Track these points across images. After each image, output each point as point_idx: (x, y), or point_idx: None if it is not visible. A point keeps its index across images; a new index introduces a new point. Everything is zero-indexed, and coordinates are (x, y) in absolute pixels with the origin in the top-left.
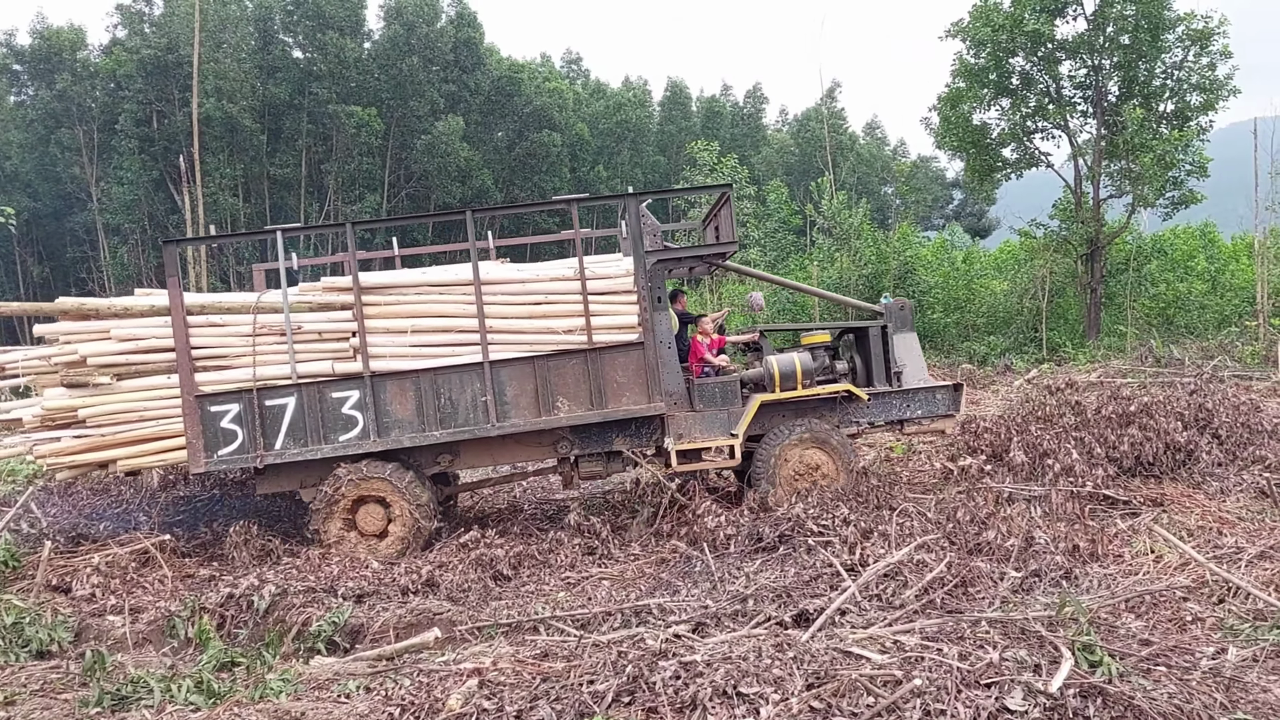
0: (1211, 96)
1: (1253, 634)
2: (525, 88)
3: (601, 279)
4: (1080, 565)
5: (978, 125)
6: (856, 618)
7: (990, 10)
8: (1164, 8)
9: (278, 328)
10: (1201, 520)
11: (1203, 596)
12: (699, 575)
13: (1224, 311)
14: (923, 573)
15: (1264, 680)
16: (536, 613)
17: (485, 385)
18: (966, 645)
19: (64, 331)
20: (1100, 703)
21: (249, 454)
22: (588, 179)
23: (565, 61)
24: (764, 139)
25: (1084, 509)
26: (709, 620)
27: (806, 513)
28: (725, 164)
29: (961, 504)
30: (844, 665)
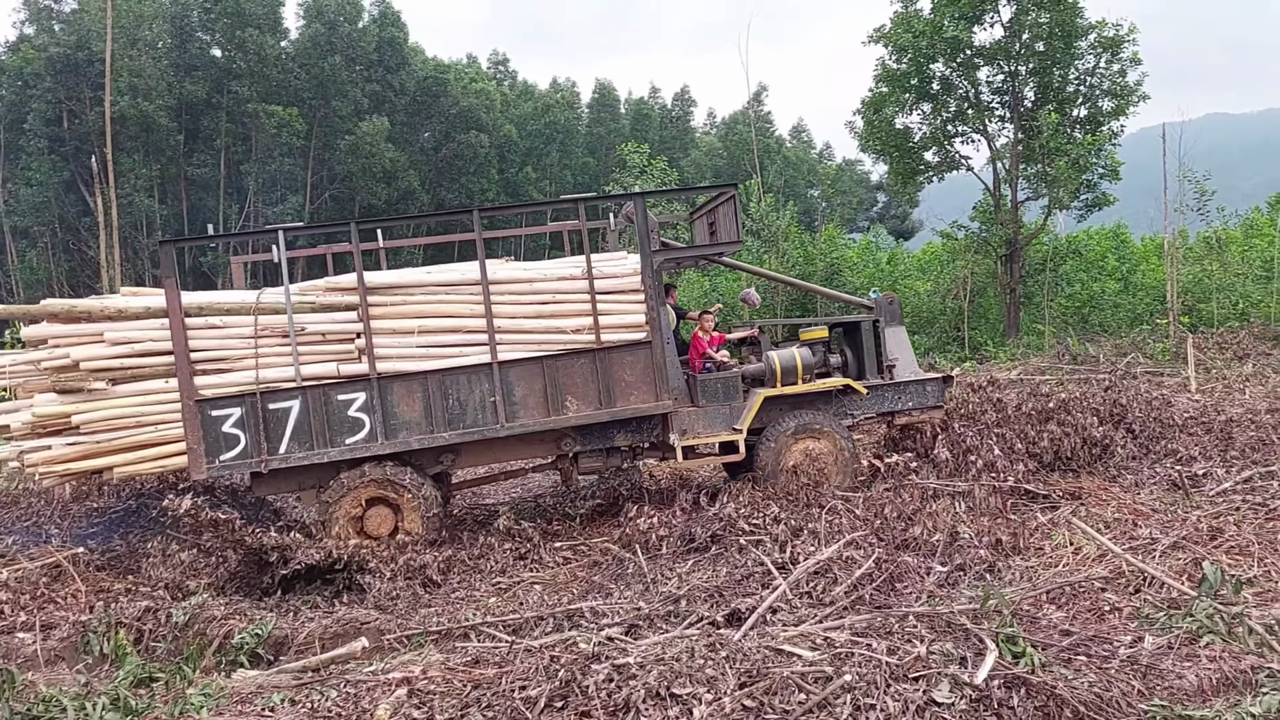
0: (1122, 102)
1: (1167, 622)
2: (452, 88)
3: (609, 278)
4: (1003, 559)
5: (900, 129)
6: (788, 615)
7: (911, 17)
8: (1076, 16)
9: (280, 329)
10: (1117, 513)
11: (1119, 586)
12: (631, 577)
13: (1136, 310)
14: (852, 569)
15: (1178, 667)
16: (467, 619)
17: (494, 385)
18: (895, 640)
19: (53, 334)
20: (1024, 693)
21: (252, 458)
22: (516, 180)
23: (492, 63)
24: (692, 142)
25: (1006, 504)
26: (642, 622)
27: (738, 512)
28: (655, 166)
29: (889, 501)
30: (776, 663)
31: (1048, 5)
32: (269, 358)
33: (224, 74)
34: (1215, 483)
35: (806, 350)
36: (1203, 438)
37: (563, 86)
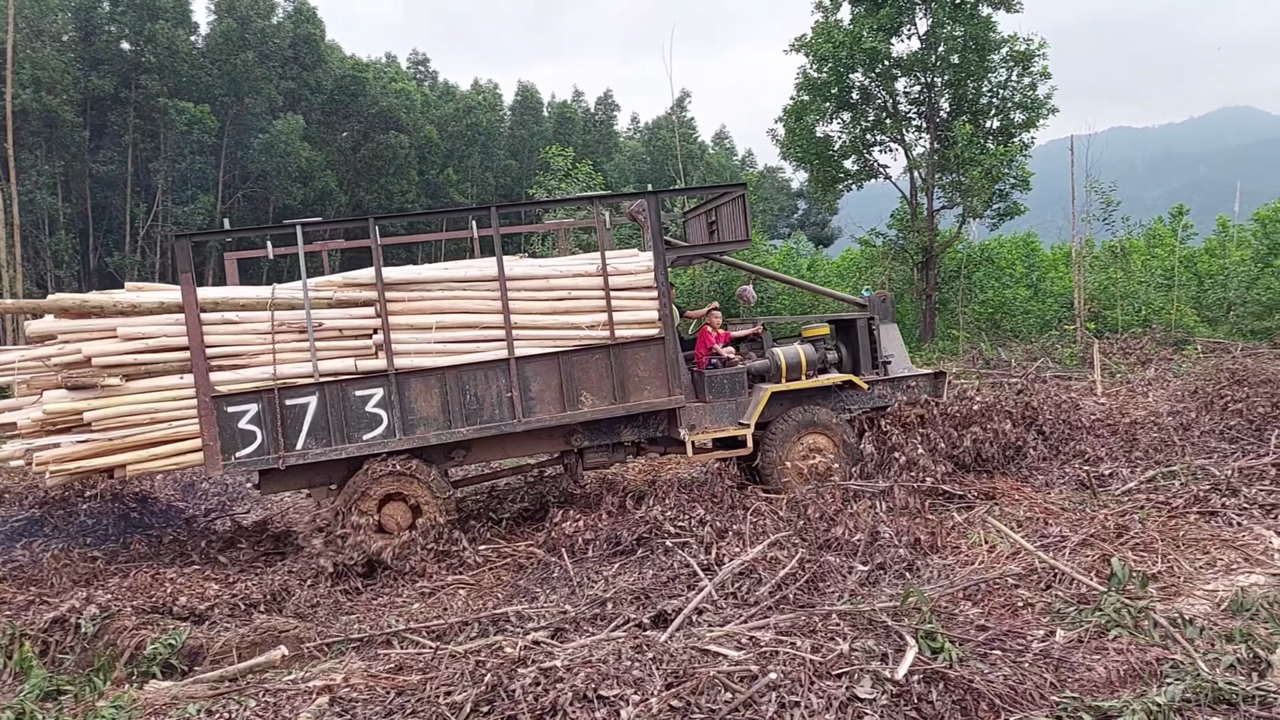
0: (1033, 115)
1: (1077, 617)
2: (370, 88)
3: (622, 274)
4: (922, 557)
5: (820, 138)
6: (714, 616)
7: (831, 27)
8: (990, 30)
9: (296, 325)
10: (1030, 511)
11: (1032, 583)
12: (557, 581)
13: (1045, 316)
14: (776, 569)
15: (1088, 659)
16: (390, 625)
17: (511, 381)
18: (818, 638)
19: (64, 330)
20: (942, 687)
21: (269, 455)
22: (437, 182)
23: (412, 63)
24: (616, 146)
25: (924, 504)
26: (568, 625)
27: (664, 515)
28: (580, 170)
29: (812, 501)
30: (702, 663)
31: (962, 19)
32: (285, 353)
33: (132, 68)
34: (1121, 482)
35: (809, 347)
36: (1108, 439)
37: (485, 88)
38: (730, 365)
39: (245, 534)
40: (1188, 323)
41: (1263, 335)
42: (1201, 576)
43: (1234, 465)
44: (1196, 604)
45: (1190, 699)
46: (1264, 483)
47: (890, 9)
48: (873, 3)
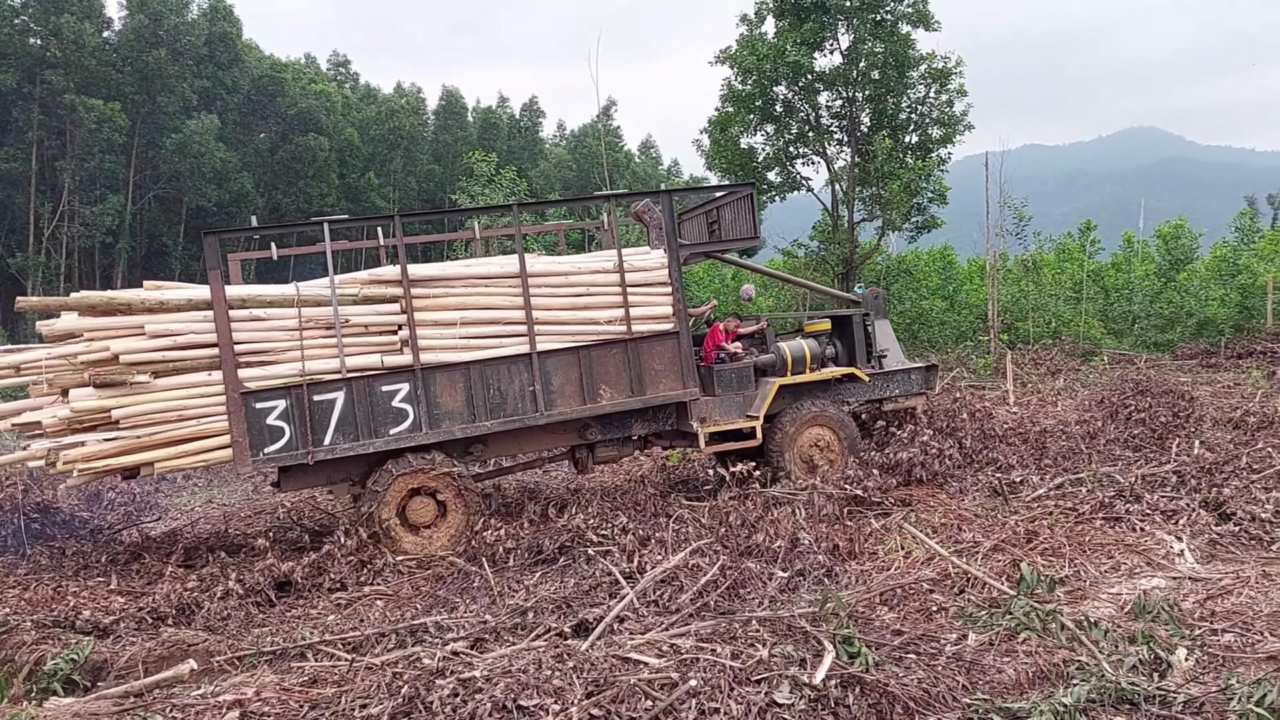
0: (950, 130)
1: (989, 620)
2: (289, 88)
3: (638, 271)
4: (840, 563)
5: (745, 149)
6: (635, 624)
7: (755, 40)
8: (909, 47)
9: (323, 321)
10: (944, 518)
11: (946, 588)
12: (478, 590)
13: (960, 327)
14: (697, 576)
15: (999, 662)
16: (304, 637)
17: (533, 375)
18: (738, 644)
19: (88, 327)
20: (859, 691)
21: (297, 450)
22: (358, 186)
23: (332, 64)
24: (542, 153)
25: (843, 510)
26: (488, 635)
27: (586, 523)
28: (504, 176)
29: (733, 509)
30: (623, 671)
31: (883, 36)
32: (313, 349)
33: (37, 62)
34: (1031, 489)
35: (813, 342)
36: (1020, 447)
37: (408, 92)
38: (737, 360)
39: (154, 545)
40: (1095, 335)
41: (1165, 348)
42: (1106, 580)
43: (1137, 472)
44: (1101, 607)
45: (1095, 699)
46: (1165, 489)
47: (813, 24)
48: (796, 17)
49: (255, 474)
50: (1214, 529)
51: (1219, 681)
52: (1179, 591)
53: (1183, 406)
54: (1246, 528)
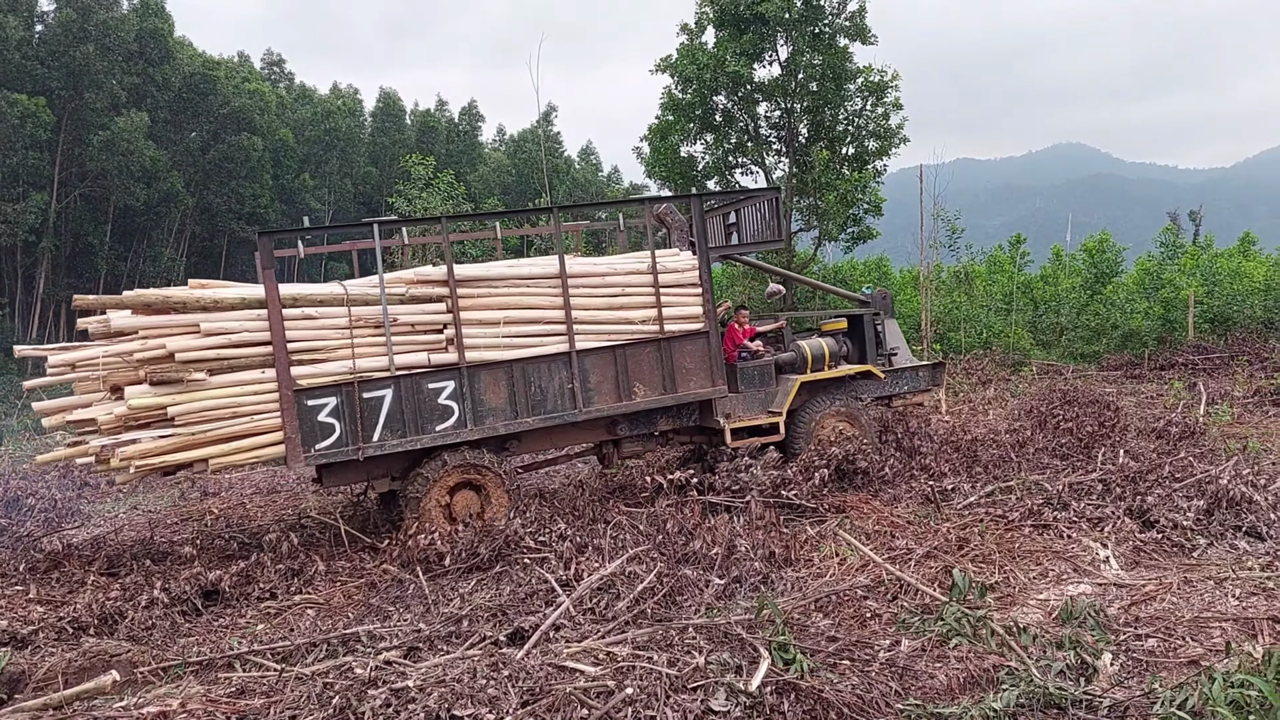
0: (886, 143)
1: (921, 626)
2: (222, 87)
3: (670, 272)
4: (777, 570)
5: (685, 157)
6: (571, 632)
7: (696, 49)
8: (846, 60)
9: (372, 320)
10: (878, 525)
11: (880, 594)
12: (411, 598)
13: None
14: (634, 584)
15: (931, 668)
16: (231, 647)
17: (572, 373)
18: (675, 652)
19: (144, 325)
20: (794, 698)
21: (348, 447)
22: (292, 187)
23: (266, 63)
24: (480, 157)
25: (779, 517)
26: (422, 644)
27: (523, 530)
28: (441, 180)
29: (671, 516)
30: (559, 680)
31: (821, 49)
32: (362, 348)
33: None
34: (963, 497)
35: (831, 340)
36: (952, 455)
37: (344, 93)
38: (758, 358)
39: (76, 553)
40: (1024, 345)
41: (1091, 358)
42: (1035, 586)
43: (1065, 481)
44: (1030, 612)
45: (1024, 704)
46: (1091, 497)
47: (753, 35)
48: (736, 28)
49: (168, 482)
50: (1138, 536)
51: (1142, 686)
52: (1105, 597)
53: (1108, 416)
54: (1169, 535)
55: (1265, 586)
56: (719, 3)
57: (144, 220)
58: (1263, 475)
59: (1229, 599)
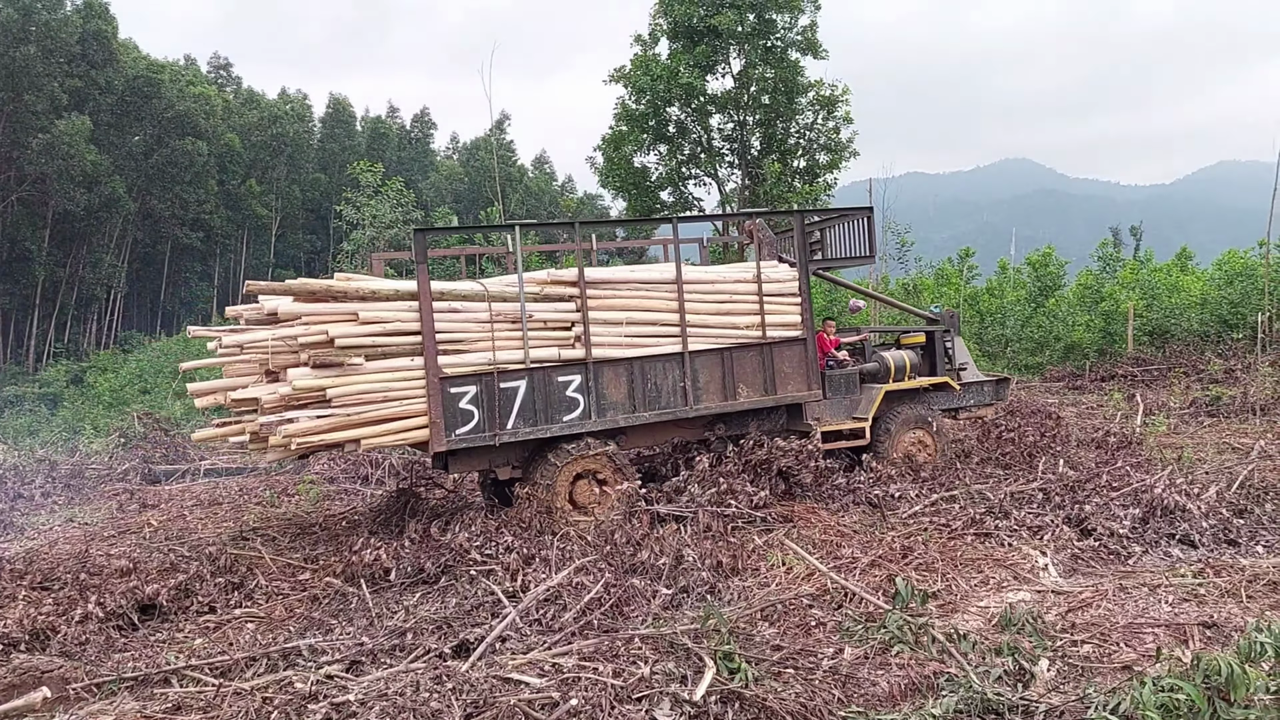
0: (836, 156)
1: (864, 634)
2: (167, 90)
3: (773, 282)
4: (723, 579)
5: (638, 168)
6: (517, 643)
7: (649, 61)
8: (798, 74)
9: (510, 315)
10: (824, 534)
11: (825, 603)
12: (355, 611)
13: None
14: (581, 595)
15: (873, 675)
16: (168, 663)
17: (684, 372)
18: (620, 662)
19: (307, 312)
20: (738, 706)
21: (485, 433)
22: (238, 193)
23: (213, 66)
24: (433, 165)
25: (727, 526)
26: (365, 658)
27: (470, 542)
28: (391, 187)
29: (619, 526)
30: (503, 692)
31: (772, 63)
32: (500, 340)
33: None
34: (907, 505)
35: (911, 352)
36: (898, 464)
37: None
38: (844, 367)
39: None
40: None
41: (1035, 370)
42: (976, 594)
43: (1006, 490)
44: (971, 620)
45: (963, 710)
46: (1032, 506)
47: (706, 47)
48: (689, 40)
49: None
50: (1076, 544)
51: (1077, 691)
52: (1043, 604)
53: (1050, 426)
54: (1106, 543)
55: (1196, 593)
56: (672, 15)
57: (84, 225)
58: (1196, 485)
59: (1162, 605)
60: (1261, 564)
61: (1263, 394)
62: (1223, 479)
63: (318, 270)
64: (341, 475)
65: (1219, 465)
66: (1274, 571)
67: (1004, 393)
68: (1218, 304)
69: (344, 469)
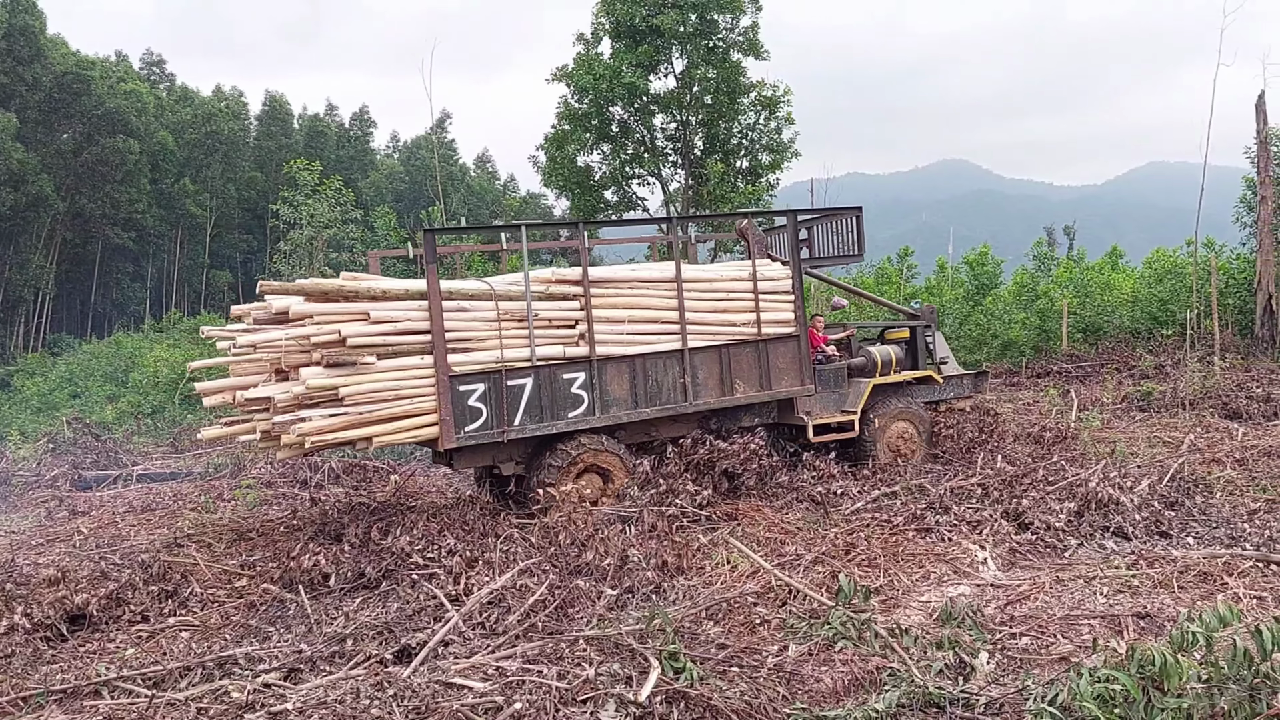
0: (778, 157)
1: (808, 631)
2: (97, 87)
3: (767, 280)
4: (669, 579)
5: (582, 167)
6: (460, 648)
7: (592, 60)
8: (740, 75)
9: (516, 314)
10: (768, 532)
11: (769, 600)
12: (293, 618)
13: None
14: (525, 597)
15: (817, 671)
16: (99, 674)
17: (684, 369)
18: (565, 664)
19: (318, 312)
20: (683, 706)
21: (494, 429)
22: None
23: (145, 63)
24: (373, 163)
25: (672, 526)
26: (303, 665)
27: (411, 546)
28: (329, 186)
29: (563, 527)
30: (446, 697)
31: (715, 63)
32: (507, 339)
33: None
34: (850, 502)
35: (896, 347)
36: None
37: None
38: (832, 362)
39: None
40: None
41: (973, 367)
42: (917, 589)
43: (946, 485)
44: (912, 614)
45: (905, 704)
46: (971, 501)
47: (648, 47)
48: (632, 40)
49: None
50: (1014, 538)
51: (1016, 683)
52: (982, 598)
53: (988, 422)
54: (1043, 536)
55: (1130, 584)
56: (615, 14)
57: (10, 226)
58: (1129, 478)
59: (1097, 597)
60: (1192, 555)
61: (1192, 389)
62: (1154, 472)
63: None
64: (280, 480)
65: (1151, 459)
66: (1205, 562)
67: (982, 385)
68: (1148, 302)
69: (282, 473)
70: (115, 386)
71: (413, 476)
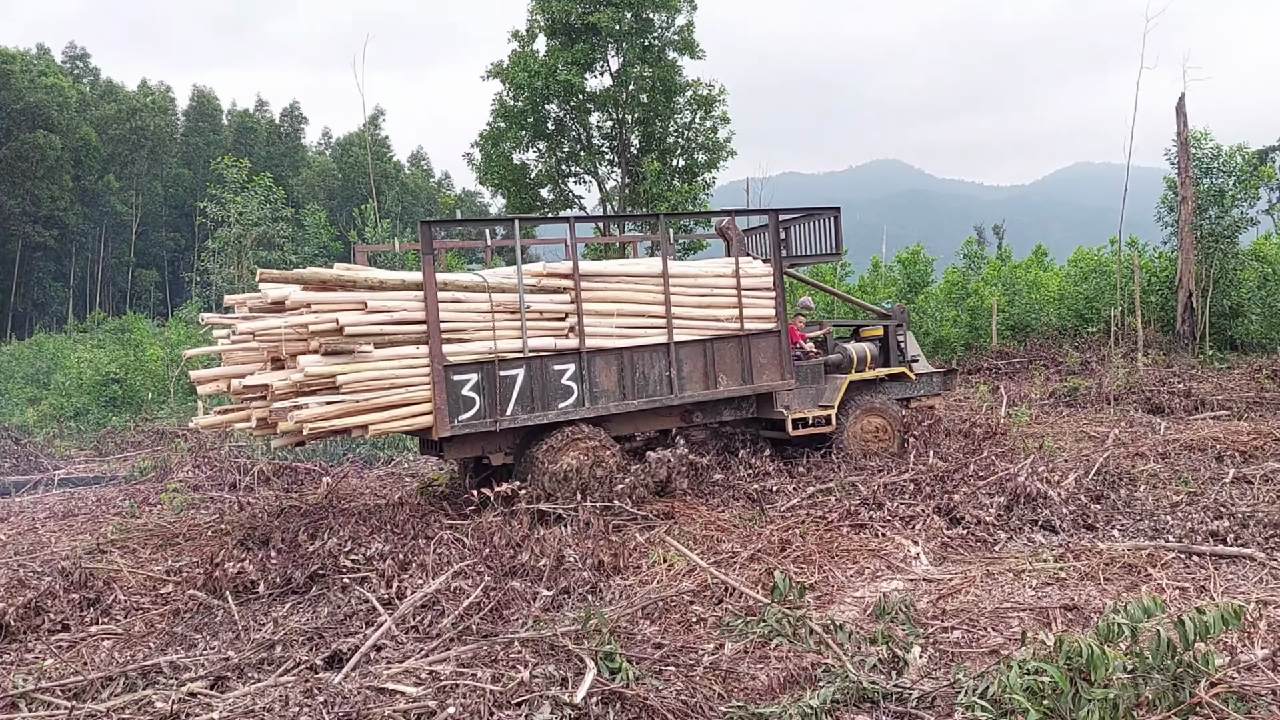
0: (714, 156)
1: (744, 628)
2: (16, 81)
3: (750, 277)
4: (605, 579)
5: (518, 165)
6: (393, 652)
7: (527, 57)
8: (675, 73)
9: (509, 306)
10: (705, 530)
11: (706, 598)
12: (220, 625)
13: None
14: (460, 599)
15: (753, 669)
16: (15, 686)
17: (670, 362)
18: (500, 667)
19: (316, 301)
20: (619, 707)
21: (486, 419)
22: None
23: (68, 56)
24: (304, 160)
25: (608, 525)
26: (230, 673)
27: (340, 549)
28: (258, 183)
29: (498, 529)
30: (378, 703)
31: (650, 61)
32: (499, 330)
33: None
34: (785, 499)
35: (871, 345)
36: (777, 459)
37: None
38: (810, 358)
39: None
40: None
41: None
42: (852, 584)
43: (880, 481)
44: (847, 610)
45: (840, 700)
46: (904, 496)
47: (584, 45)
48: (567, 37)
49: None
50: (945, 533)
51: (949, 676)
52: (915, 592)
53: (920, 418)
54: (973, 531)
55: (1058, 577)
56: (550, 12)
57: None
58: (1056, 472)
59: (1026, 590)
60: (1117, 547)
61: (1116, 385)
62: (1081, 466)
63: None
64: (207, 483)
65: (1077, 453)
66: (1129, 554)
67: (951, 383)
68: (1074, 299)
69: (210, 476)
70: (36, 389)
71: (345, 478)
